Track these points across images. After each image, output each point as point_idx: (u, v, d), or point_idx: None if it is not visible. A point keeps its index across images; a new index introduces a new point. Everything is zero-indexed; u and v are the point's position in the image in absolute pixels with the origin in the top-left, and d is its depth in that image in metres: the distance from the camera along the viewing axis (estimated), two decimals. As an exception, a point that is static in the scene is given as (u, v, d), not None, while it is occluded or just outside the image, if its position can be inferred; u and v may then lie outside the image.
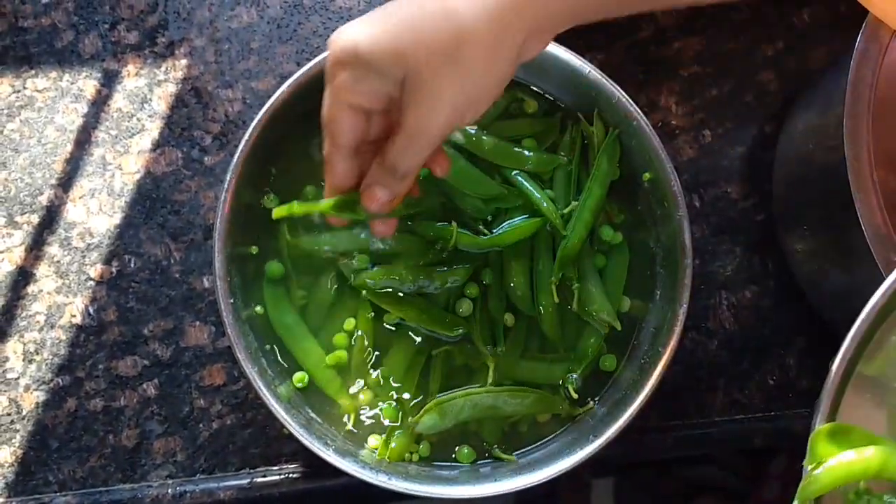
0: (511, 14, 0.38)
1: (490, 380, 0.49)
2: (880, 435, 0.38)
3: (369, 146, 0.42)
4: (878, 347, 0.40)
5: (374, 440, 0.49)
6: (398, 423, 0.49)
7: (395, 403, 0.50)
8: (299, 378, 0.49)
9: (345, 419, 0.50)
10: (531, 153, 0.52)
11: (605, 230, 0.52)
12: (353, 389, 0.50)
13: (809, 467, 0.36)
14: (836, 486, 0.36)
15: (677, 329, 0.48)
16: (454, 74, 0.38)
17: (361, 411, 0.50)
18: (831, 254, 0.54)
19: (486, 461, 0.50)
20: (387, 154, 0.40)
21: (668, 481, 0.92)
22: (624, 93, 0.50)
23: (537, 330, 0.51)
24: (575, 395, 0.50)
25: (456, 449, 0.50)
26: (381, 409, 0.50)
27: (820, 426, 0.37)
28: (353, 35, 0.38)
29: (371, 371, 0.50)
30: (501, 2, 0.37)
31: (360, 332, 0.50)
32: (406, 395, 0.50)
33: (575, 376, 0.50)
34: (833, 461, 0.36)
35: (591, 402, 0.50)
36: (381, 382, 0.50)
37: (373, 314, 0.51)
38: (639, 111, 0.50)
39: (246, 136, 0.48)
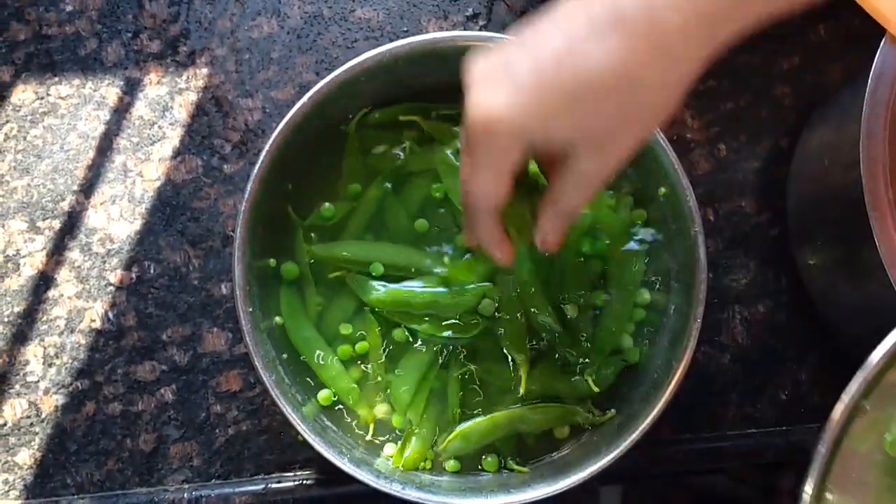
0: (693, 54, 0.33)
1: (522, 390, 0.50)
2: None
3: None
4: (865, 422, 0.40)
5: (390, 449, 0.50)
6: (413, 431, 0.50)
7: (408, 417, 0.50)
8: (325, 397, 0.50)
9: (361, 430, 0.50)
10: None
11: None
12: (371, 400, 0.51)
13: None
14: None
15: (691, 344, 0.48)
16: (638, 121, 0.35)
17: (378, 421, 0.51)
18: (845, 270, 0.54)
19: (499, 472, 0.50)
20: (555, 197, 0.39)
21: (678, 491, 0.92)
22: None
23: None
24: (595, 389, 0.50)
25: (482, 458, 0.50)
26: (392, 419, 0.50)
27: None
28: (507, 111, 0.34)
29: (386, 383, 0.51)
30: (681, 46, 0.33)
31: (372, 345, 0.51)
32: (418, 409, 0.51)
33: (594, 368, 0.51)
34: None
35: (612, 411, 0.51)
36: (395, 395, 0.50)
37: (380, 328, 0.51)
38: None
39: (266, 147, 0.49)
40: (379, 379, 0.51)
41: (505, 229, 0.41)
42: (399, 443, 0.50)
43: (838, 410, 0.38)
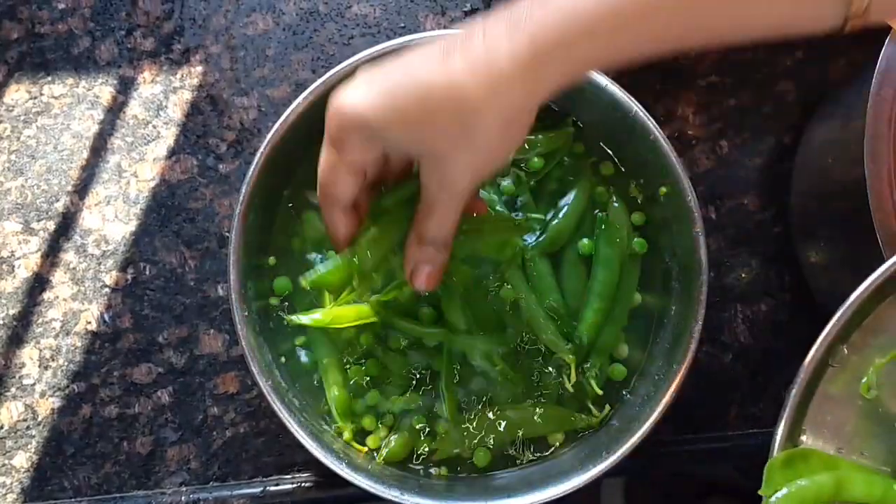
0: (524, 84, 0.35)
1: (573, 378, 0.50)
2: (843, 455, 0.38)
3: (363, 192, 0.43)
4: (842, 366, 0.40)
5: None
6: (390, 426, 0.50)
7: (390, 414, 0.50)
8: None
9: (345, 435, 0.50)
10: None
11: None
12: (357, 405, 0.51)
13: (766, 496, 0.37)
14: None
15: (693, 345, 0.48)
16: (468, 146, 0.36)
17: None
18: (848, 268, 0.53)
19: (499, 473, 0.50)
20: (420, 231, 0.41)
21: (680, 480, 0.92)
22: (642, 107, 0.50)
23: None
24: (599, 391, 0.50)
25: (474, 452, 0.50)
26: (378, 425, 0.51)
27: (776, 454, 0.37)
28: (359, 103, 0.36)
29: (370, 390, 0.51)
30: (511, 73, 0.34)
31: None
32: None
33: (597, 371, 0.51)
34: (786, 490, 0.37)
35: (607, 408, 0.50)
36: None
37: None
38: (657, 126, 0.49)
39: (262, 147, 0.48)
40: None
41: (357, 223, 0.43)
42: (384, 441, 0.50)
43: (813, 351, 0.39)
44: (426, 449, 0.50)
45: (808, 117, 0.59)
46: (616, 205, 0.52)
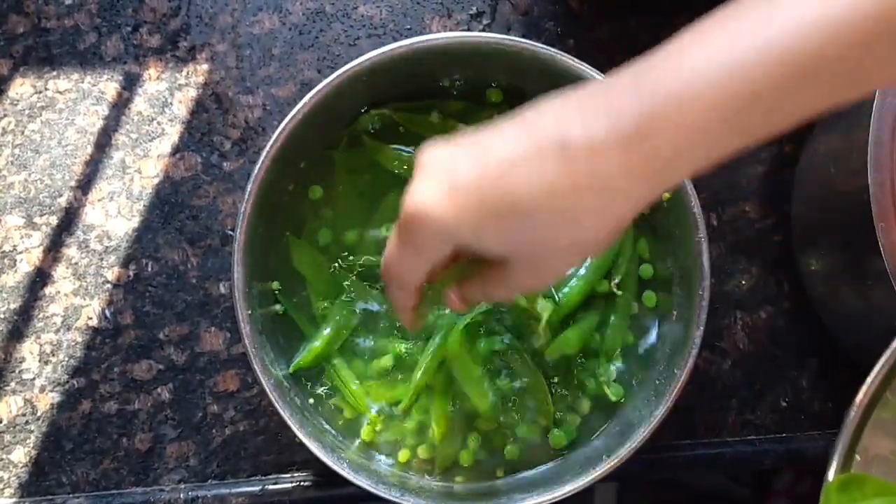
0: (621, 182, 0.31)
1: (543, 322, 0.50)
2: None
3: None
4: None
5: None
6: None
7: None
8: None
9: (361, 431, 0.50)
10: None
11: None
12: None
13: None
14: None
15: (693, 350, 0.48)
16: (560, 261, 0.34)
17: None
18: (849, 277, 0.54)
19: (493, 478, 0.50)
20: (487, 288, 0.38)
21: (673, 489, 0.92)
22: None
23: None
24: (613, 398, 0.51)
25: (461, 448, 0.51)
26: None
27: (833, 476, 0.37)
28: (440, 215, 0.32)
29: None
30: (619, 180, 0.31)
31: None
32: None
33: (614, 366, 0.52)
34: None
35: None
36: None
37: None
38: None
39: (268, 146, 0.48)
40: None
41: (420, 300, 0.40)
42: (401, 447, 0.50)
43: (873, 375, 0.39)
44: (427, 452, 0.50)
45: (810, 127, 0.59)
46: None
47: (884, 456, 0.39)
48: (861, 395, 0.38)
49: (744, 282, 0.59)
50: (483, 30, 0.60)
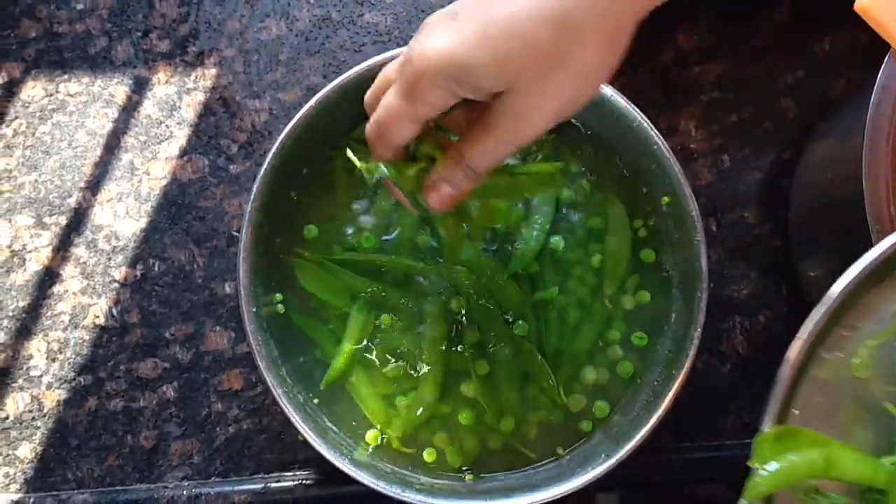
0: (625, 4, 0.34)
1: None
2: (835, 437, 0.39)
3: None
4: (831, 348, 0.41)
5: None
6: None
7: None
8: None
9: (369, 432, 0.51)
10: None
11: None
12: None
13: (755, 468, 0.37)
14: (780, 486, 0.37)
15: (692, 353, 0.49)
16: (563, 79, 0.35)
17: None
18: (846, 282, 0.54)
19: (494, 475, 0.51)
20: (466, 153, 0.38)
21: (676, 498, 0.92)
22: (645, 117, 0.51)
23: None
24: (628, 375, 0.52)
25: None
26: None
27: (767, 430, 0.38)
28: (444, 46, 0.34)
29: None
30: None
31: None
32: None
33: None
34: (776, 464, 0.37)
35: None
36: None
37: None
38: (660, 136, 0.50)
39: (273, 149, 0.49)
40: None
41: (403, 157, 0.41)
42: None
43: (807, 333, 0.40)
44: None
45: (808, 134, 0.60)
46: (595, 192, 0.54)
47: (823, 415, 0.40)
48: (793, 351, 0.39)
49: (743, 287, 0.60)
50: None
